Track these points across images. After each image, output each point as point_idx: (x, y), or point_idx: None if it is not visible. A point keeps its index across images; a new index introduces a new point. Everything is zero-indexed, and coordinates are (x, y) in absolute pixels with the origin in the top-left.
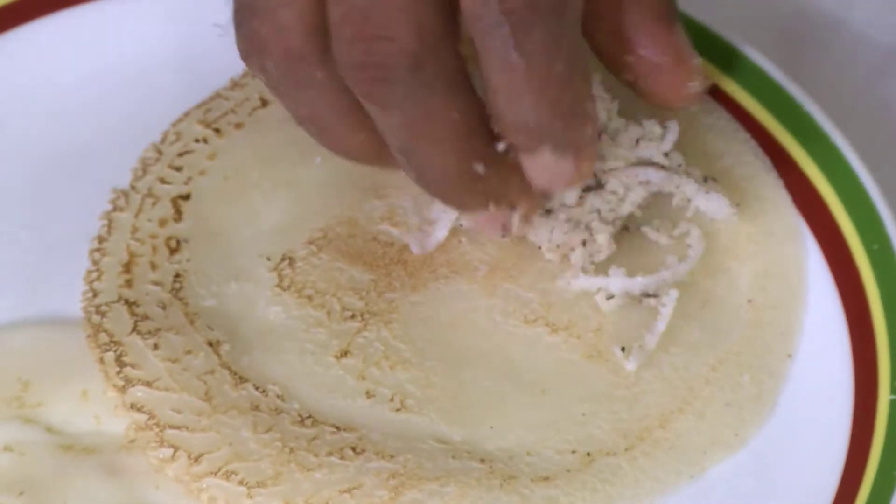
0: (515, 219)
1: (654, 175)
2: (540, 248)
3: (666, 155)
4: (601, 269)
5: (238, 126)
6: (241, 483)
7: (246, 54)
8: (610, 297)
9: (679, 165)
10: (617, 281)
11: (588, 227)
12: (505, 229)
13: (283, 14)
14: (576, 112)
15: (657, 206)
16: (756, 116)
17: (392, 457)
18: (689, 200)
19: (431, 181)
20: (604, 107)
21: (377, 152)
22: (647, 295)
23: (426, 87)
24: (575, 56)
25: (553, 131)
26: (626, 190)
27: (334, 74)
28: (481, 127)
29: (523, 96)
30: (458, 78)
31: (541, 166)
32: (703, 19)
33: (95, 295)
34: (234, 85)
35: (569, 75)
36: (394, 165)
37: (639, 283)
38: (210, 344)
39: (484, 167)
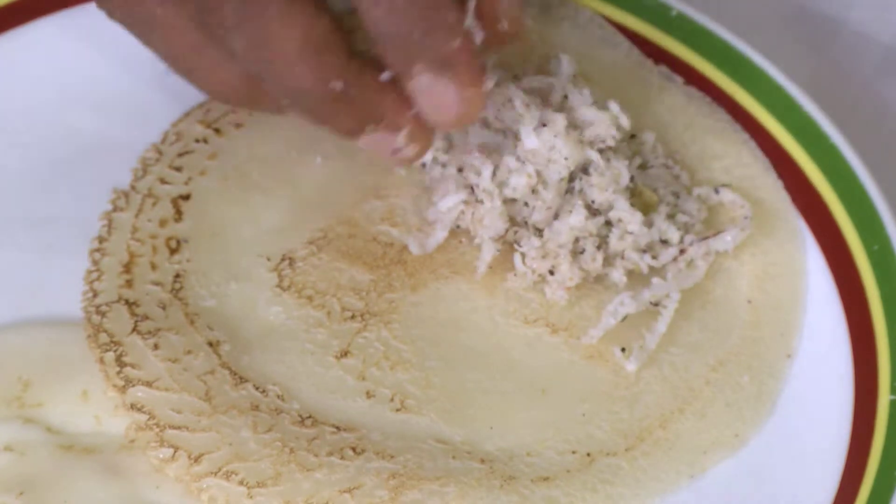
0: (401, 139)
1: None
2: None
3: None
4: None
5: (238, 126)
6: (241, 483)
7: (99, 1)
8: (625, 317)
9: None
10: (629, 303)
11: (555, 256)
12: (396, 153)
13: None
14: (432, 18)
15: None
16: (756, 117)
17: (392, 457)
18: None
19: (295, 102)
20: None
21: (247, 91)
22: (654, 304)
23: (257, 4)
24: None
25: (416, 42)
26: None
27: (177, 11)
28: (332, 45)
29: (378, 4)
30: None
31: (424, 93)
32: (703, 20)
33: (96, 295)
34: None
35: None
36: (270, 105)
37: (646, 297)
38: (210, 344)
39: (343, 84)
